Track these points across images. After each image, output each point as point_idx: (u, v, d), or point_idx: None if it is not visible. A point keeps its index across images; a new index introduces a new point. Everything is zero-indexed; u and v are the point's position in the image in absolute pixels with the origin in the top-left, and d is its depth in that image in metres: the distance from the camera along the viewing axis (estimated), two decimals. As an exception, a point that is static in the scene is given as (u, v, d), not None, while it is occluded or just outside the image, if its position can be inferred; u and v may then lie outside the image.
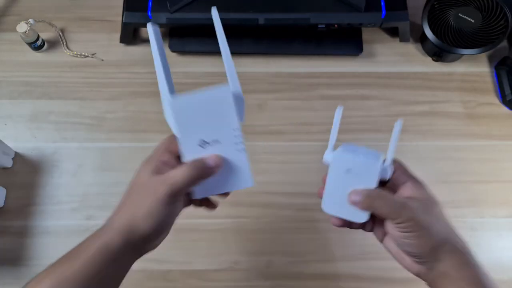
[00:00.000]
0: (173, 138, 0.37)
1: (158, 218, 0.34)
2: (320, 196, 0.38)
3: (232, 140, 0.37)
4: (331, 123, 0.38)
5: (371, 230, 0.39)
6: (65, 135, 0.62)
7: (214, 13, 0.39)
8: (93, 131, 0.63)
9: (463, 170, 0.61)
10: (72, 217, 0.58)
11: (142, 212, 0.34)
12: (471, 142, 0.63)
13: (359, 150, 0.37)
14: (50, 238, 0.57)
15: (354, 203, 0.36)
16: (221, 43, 0.38)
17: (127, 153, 0.61)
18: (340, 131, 0.39)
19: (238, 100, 0.36)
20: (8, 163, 0.60)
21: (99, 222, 0.57)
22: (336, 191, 0.37)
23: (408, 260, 0.36)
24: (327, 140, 0.38)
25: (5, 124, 0.63)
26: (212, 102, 0.36)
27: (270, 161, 0.61)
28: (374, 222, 0.38)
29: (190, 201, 0.39)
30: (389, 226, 0.35)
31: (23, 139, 0.62)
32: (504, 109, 0.65)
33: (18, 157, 0.61)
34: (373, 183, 0.36)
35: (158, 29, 0.38)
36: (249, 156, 0.38)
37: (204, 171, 0.35)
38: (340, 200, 0.37)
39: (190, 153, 0.36)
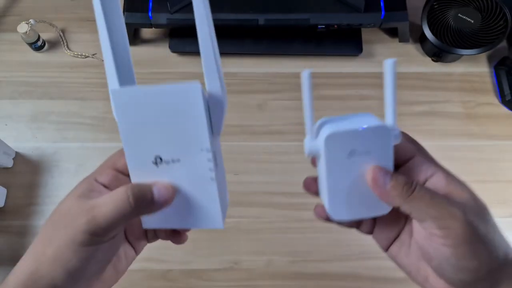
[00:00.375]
0: (120, 154, 0.28)
1: (68, 264, 0.24)
2: (311, 191, 0.30)
3: (198, 163, 0.26)
4: None
5: (370, 232, 0.30)
6: (66, 135, 0.63)
7: None
8: (94, 131, 0.63)
9: (463, 170, 0.61)
10: (72, 217, 0.58)
11: (48, 255, 0.24)
12: (470, 142, 0.63)
13: (348, 119, 0.27)
14: (51, 238, 0.57)
15: (382, 193, 0.25)
16: (198, 23, 0.26)
17: (127, 153, 0.61)
18: None
19: (215, 106, 0.26)
20: (9, 163, 0.60)
21: (100, 222, 0.58)
22: (341, 187, 0.27)
23: (434, 279, 0.26)
24: None
25: (6, 124, 0.63)
26: (175, 102, 0.25)
27: (270, 161, 0.62)
28: (376, 223, 0.30)
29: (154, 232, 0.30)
30: (422, 235, 0.26)
31: (23, 139, 0.62)
32: (504, 109, 0.65)
33: (18, 157, 0.61)
34: (389, 161, 0.26)
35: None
36: (223, 187, 0.28)
37: (143, 205, 0.25)
38: (350, 196, 0.27)
39: (138, 172, 0.27)
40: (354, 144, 0.26)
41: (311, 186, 0.30)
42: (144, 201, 0.25)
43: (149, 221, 0.28)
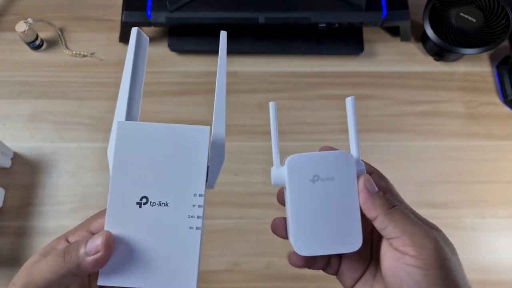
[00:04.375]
0: (103, 213, 0.27)
1: None
2: (280, 233, 0.29)
3: (186, 209, 0.25)
4: (331, 123, 0.33)
5: (335, 273, 0.30)
6: (64, 135, 0.62)
7: (223, 37, 0.29)
8: (92, 131, 0.62)
9: (464, 170, 0.61)
10: (71, 217, 0.58)
11: None
12: (472, 142, 0.63)
13: (309, 153, 0.28)
14: (49, 238, 0.56)
15: (368, 197, 0.25)
16: (219, 76, 0.29)
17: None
18: (340, 131, 0.37)
19: (216, 153, 0.26)
20: (7, 163, 0.59)
21: (98, 222, 0.57)
22: (306, 216, 0.26)
23: None
24: (328, 140, 0.32)
25: (4, 124, 0.63)
26: (180, 141, 0.25)
27: (270, 161, 0.61)
28: (341, 263, 0.30)
29: None
30: (392, 257, 0.25)
31: (22, 139, 0.62)
32: (506, 109, 0.65)
33: (17, 157, 0.61)
34: (354, 188, 0.26)
35: (147, 40, 0.30)
36: (201, 245, 0.25)
37: (75, 263, 0.24)
38: (316, 228, 0.26)
39: (116, 211, 0.25)
40: (317, 169, 0.26)
41: (279, 227, 0.29)
42: (75, 258, 0.24)
43: (106, 275, 0.25)
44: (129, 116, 0.28)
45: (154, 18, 0.61)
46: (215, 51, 0.67)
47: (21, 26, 0.62)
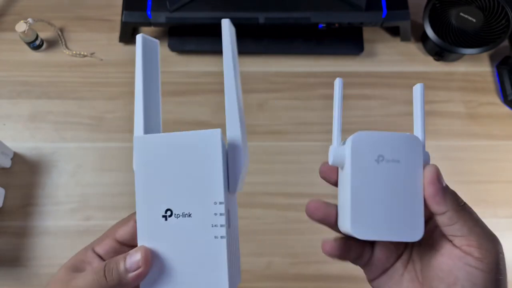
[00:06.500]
0: (127, 220, 0.28)
1: None
2: (317, 214, 0.28)
3: (208, 218, 0.24)
4: (331, 123, 0.33)
5: (364, 264, 0.29)
6: (64, 135, 0.62)
7: (225, 29, 0.27)
8: (92, 131, 0.62)
9: (464, 170, 0.61)
10: (71, 217, 0.58)
11: None
12: (472, 142, 0.63)
13: (376, 131, 0.26)
14: (49, 238, 0.57)
15: (438, 190, 0.24)
16: (225, 57, 0.26)
17: (126, 153, 0.61)
18: (341, 131, 0.37)
19: (235, 156, 0.25)
20: (7, 163, 0.59)
21: (98, 222, 0.58)
22: (368, 197, 0.24)
23: None
24: (328, 140, 0.30)
25: (4, 124, 0.63)
26: (194, 148, 0.24)
27: (270, 161, 0.61)
28: (373, 252, 0.29)
29: None
30: (452, 255, 0.25)
31: (22, 139, 0.62)
32: (506, 109, 0.65)
33: (17, 157, 0.61)
34: (420, 173, 0.25)
35: (155, 44, 0.29)
36: (235, 256, 0.26)
37: (117, 279, 0.24)
38: (377, 211, 0.24)
39: (146, 226, 0.25)
40: (383, 149, 0.25)
41: (319, 209, 0.28)
42: (117, 276, 0.25)
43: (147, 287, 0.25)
44: (147, 128, 0.27)
45: (154, 18, 0.61)
46: (215, 51, 0.67)
47: (21, 26, 0.62)
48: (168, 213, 0.25)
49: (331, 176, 0.29)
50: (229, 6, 0.61)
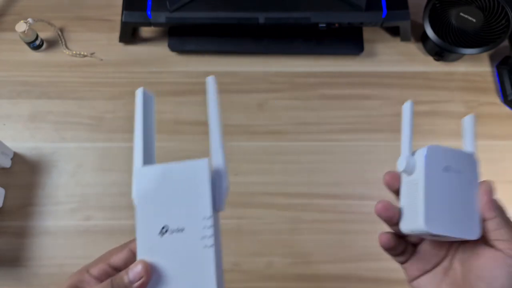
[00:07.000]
0: (121, 248, 0.31)
1: None
2: (387, 213, 0.31)
3: (198, 231, 0.29)
4: (331, 123, 0.35)
5: (404, 262, 0.34)
6: (64, 135, 0.62)
7: (211, 81, 0.33)
8: (92, 131, 0.62)
9: (465, 170, 0.61)
10: (71, 217, 0.58)
11: None
12: (472, 142, 0.63)
13: (445, 146, 0.31)
14: (49, 238, 0.57)
15: (491, 201, 0.29)
16: (211, 106, 0.33)
17: (126, 153, 0.61)
18: (340, 131, 0.37)
19: (219, 181, 0.30)
20: (7, 163, 0.59)
21: (98, 222, 0.58)
22: (437, 198, 0.29)
23: None
24: (328, 140, 0.33)
25: (4, 124, 0.63)
26: (184, 177, 0.30)
27: (270, 161, 0.61)
28: (414, 253, 0.33)
29: None
30: (495, 257, 0.29)
31: (22, 139, 0.62)
32: (506, 109, 0.65)
33: (17, 157, 0.61)
34: (476, 183, 0.30)
35: (152, 97, 0.34)
36: (219, 266, 0.29)
37: None
38: (444, 210, 0.29)
39: (145, 243, 0.29)
40: (450, 161, 0.30)
41: (387, 210, 0.32)
42: (124, 287, 0.28)
43: None
44: (146, 160, 0.31)
45: (154, 18, 0.61)
46: (215, 51, 0.68)
47: (21, 26, 0.62)
48: (164, 230, 0.29)
49: (395, 184, 0.33)
50: (229, 6, 0.61)
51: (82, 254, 0.56)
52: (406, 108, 0.33)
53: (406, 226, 0.31)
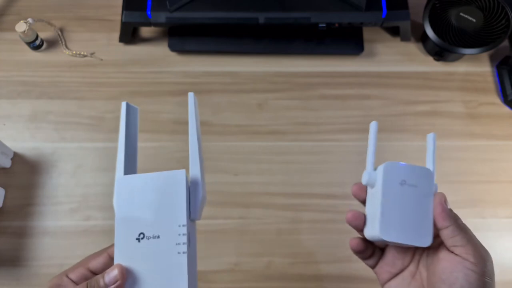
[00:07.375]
0: (100, 253, 0.33)
1: None
2: (355, 222, 0.34)
3: (173, 238, 0.30)
4: (331, 123, 0.36)
5: (374, 266, 0.37)
6: (64, 135, 0.62)
7: (191, 97, 0.36)
8: (92, 131, 0.62)
9: (464, 170, 0.61)
10: (71, 217, 0.58)
11: None
12: (472, 142, 0.63)
13: (401, 163, 0.34)
14: (49, 238, 0.57)
15: (444, 211, 0.32)
16: (190, 120, 0.35)
17: (126, 153, 0.61)
18: (340, 131, 0.38)
19: (195, 191, 0.32)
20: (7, 163, 0.59)
21: (98, 222, 0.58)
22: (393, 210, 0.32)
23: None
24: (328, 140, 0.35)
25: (4, 124, 0.63)
26: (164, 184, 0.31)
27: (270, 161, 0.61)
28: (381, 258, 0.37)
29: None
30: (453, 261, 0.31)
31: (22, 139, 0.62)
32: (506, 109, 0.65)
33: (17, 157, 0.61)
34: (431, 197, 0.33)
35: (136, 109, 0.37)
36: (193, 271, 0.31)
37: None
38: (399, 220, 0.32)
39: (122, 248, 0.31)
40: (405, 176, 0.33)
41: (358, 218, 0.35)
42: None
43: None
44: (127, 170, 0.34)
45: (154, 18, 0.61)
46: (215, 51, 0.68)
47: (21, 26, 0.62)
48: (141, 236, 0.30)
49: (361, 195, 0.36)
50: (229, 6, 0.61)
51: (82, 254, 0.55)
52: (372, 128, 0.36)
53: (368, 233, 0.34)
